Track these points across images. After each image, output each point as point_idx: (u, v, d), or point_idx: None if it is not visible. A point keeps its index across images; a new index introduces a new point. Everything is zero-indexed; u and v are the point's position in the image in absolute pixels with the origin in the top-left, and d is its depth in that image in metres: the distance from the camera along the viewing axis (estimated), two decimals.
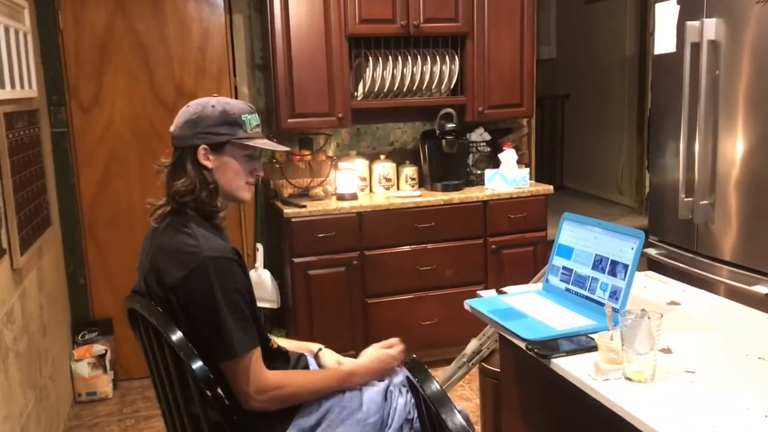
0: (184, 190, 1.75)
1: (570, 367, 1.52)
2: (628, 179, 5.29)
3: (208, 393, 1.58)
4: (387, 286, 3.61)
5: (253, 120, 1.79)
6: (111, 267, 3.72)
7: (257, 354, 1.67)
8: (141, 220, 3.72)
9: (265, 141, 1.83)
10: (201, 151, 1.75)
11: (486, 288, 3.82)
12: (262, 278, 3.79)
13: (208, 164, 1.75)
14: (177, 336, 1.59)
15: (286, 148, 2.08)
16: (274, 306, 3.76)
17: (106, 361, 3.60)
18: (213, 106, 1.78)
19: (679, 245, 3.30)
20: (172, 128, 1.82)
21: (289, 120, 3.58)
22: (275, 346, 1.89)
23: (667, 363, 1.50)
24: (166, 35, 3.64)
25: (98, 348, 3.61)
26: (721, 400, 1.34)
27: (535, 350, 1.60)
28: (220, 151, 1.76)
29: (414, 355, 1.33)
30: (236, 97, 3.77)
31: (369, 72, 3.68)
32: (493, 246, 3.77)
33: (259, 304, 3.78)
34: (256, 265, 3.80)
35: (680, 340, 1.63)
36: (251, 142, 1.77)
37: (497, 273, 3.81)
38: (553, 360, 1.56)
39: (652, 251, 3.46)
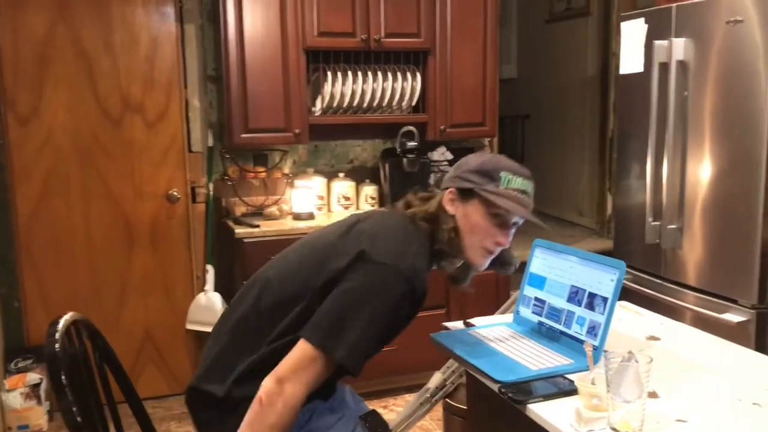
0: (423, 215, 1.64)
1: (549, 414, 1.37)
2: (588, 201, 5.23)
3: None
4: None
5: (515, 182, 1.60)
6: (49, 289, 3.47)
7: (328, 370, 1.48)
8: (83, 240, 3.51)
9: (519, 207, 1.59)
10: (447, 194, 1.63)
11: (448, 312, 3.70)
12: (212, 301, 3.58)
13: (450, 209, 1.62)
14: None
15: (542, 224, 1.68)
16: None
17: (41, 391, 3.34)
18: (482, 156, 1.67)
19: (645, 270, 3.21)
20: None
21: (243, 135, 3.40)
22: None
23: (655, 410, 1.37)
24: (112, 44, 3.43)
25: (32, 377, 3.35)
26: None
27: (509, 394, 1.46)
28: (466, 200, 1.61)
29: (371, 409, 1.17)
30: (186, 110, 3.58)
31: (328, 87, 3.53)
32: None
33: (209, 329, 3.58)
34: (206, 287, 3.59)
35: (667, 383, 1.50)
36: (496, 199, 1.57)
37: (459, 296, 3.67)
38: (529, 406, 1.41)
39: None
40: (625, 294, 3.29)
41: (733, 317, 2.70)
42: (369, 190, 3.77)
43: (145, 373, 3.63)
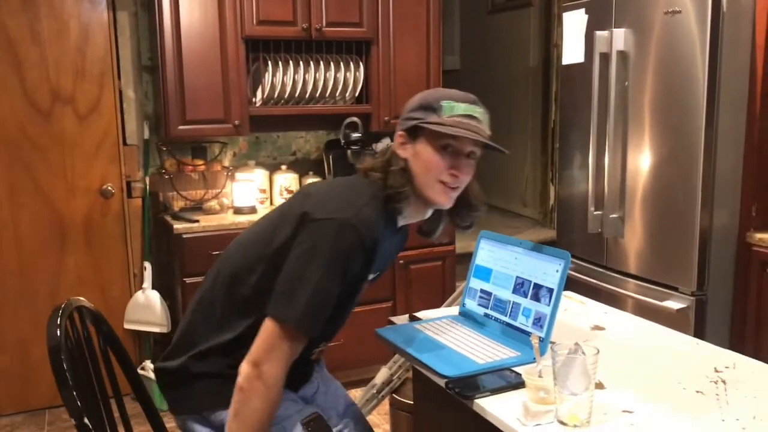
0: (373, 165, 1.57)
1: (496, 409, 1.34)
2: (532, 191, 5.27)
3: None
4: None
5: (458, 108, 1.50)
6: None
7: (297, 341, 1.43)
8: (10, 238, 3.34)
9: (465, 131, 1.49)
10: (397, 138, 1.57)
11: (394, 305, 3.67)
12: (150, 300, 3.45)
13: (402, 153, 1.55)
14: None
15: (501, 149, 1.58)
16: (164, 330, 3.44)
17: None
18: (423, 92, 1.60)
19: (588, 259, 3.24)
20: None
21: (180, 127, 3.28)
22: (314, 357, 1.69)
23: (603, 401, 1.35)
24: (39, 33, 3.26)
25: None
26: None
27: (456, 389, 1.42)
28: (414, 140, 1.54)
29: (315, 411, 1.11)
30: (120, 102, 3.44)
31: (268, 77, 3.44)
32: (401, 261, 3.60)
33: (148, 329, 3.46)
34: (144, 285, 3.46)
35: (612, 373, 1.49)
36: (440, 128, 1.48)
37: (405, 289, 3.64)
38: (477, 401, 1.38)
39: None
40: (569, 283, 3.30)
41: (674, 304, 2.74)
42: (312, 181, 3.70)
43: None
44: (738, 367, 1.53)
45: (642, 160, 2.87)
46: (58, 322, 1.50)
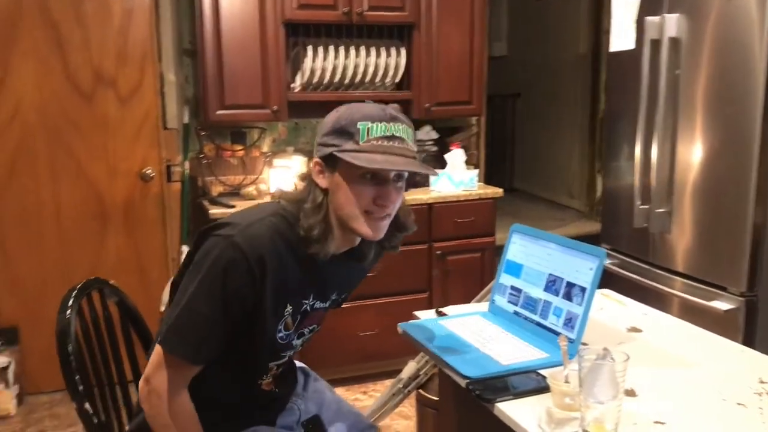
0: (288, 196, 1.44)
1: (517, 413, 1.27)
2: (579, 183, 5.13)
3: None
4: None
5: (376, 129, 1.34)
6: (16, 270, 3.35)
7: (189, 368, 1.37)
8: (52, 219, 3.38)
9: (382, 158, 1.32)
10: (314, 166, 1.41)
11: (430, 296, 3.60)
12: None
13: (322, 182, 1.39)
14: None
15: (429, 171, 1.47)
16: None
17: (8, 374, 3.24)
18: (338, 111, 1.41)
19: (632, 255, 3.11)
20: None
21: (218, 111, 3.27)
22: (266, 388, 1.55)
23: (632, 410, 1.27)
24: (83, 15, 3.28)
25: (1, 360, 3.24)
26: None
27: (477, 391, 1.35)
28: (333, 168, 1.37)
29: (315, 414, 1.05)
30: (161, 86, 3.44)
31: (308, 62, 3.39)
32: (438, 252, 3.53)
33: None
34: None
35: (646, 380, 1.40)
36: (355, 158, 1.31)
37: (442, 280, 3.57)
38: (498, 404, 1.31)
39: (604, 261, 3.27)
40: (611, 280, 3.21)
41: (722, 305, 2.60)
42: None
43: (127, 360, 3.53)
44: None
45: (692, 153, 2.73)
46: (70, 303, 1.53)
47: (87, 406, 1.43)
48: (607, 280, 3.24)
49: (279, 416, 1.61)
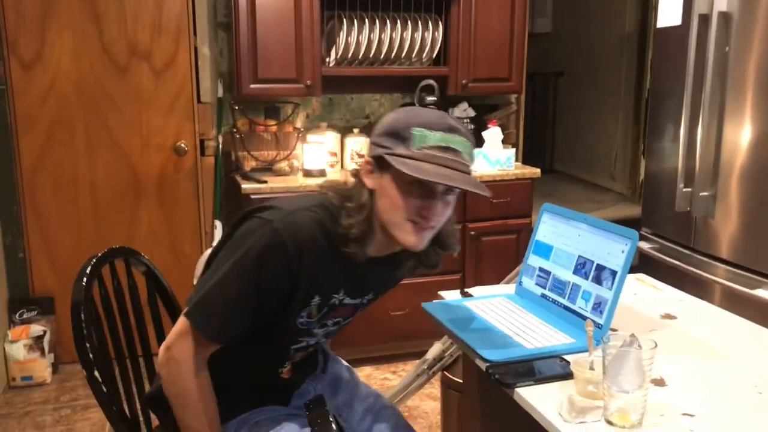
0: (337, 189, 1.38)
1: (537, 400, 1.21)
2: (621, 165, 4.98)
3: None
4: None
5: (432, 137, 1.28)
6: (53, 241, 3.39)
7: (212, 345, 1.35)
8: (87, 191, 3.41)
9: (433, 169, 1.25)
10: (365, 165, 1.36)
11: (463, 277, 3.54)
12: None
13: (368, 182, 1.35)
14: None
15: (482, 191, 1.34)
16: None
17: (44, 343, 3.29)
18: (396, 113, 1.36)
19: (674, 240, 3.00)
20: None
21: (252, 85, 3.24)
22: (286, 375, 1.53)
23: (660, 400, 1.20)
24: None
25: (36, 329, 3.30)
26: None
27: (497, 375, 1.30)
28: (382, 170, 1.32)
29: (318, 395, 1.00)
30: (195, 59, 3.42)
31: (343, 36, 3.34)
32: (473, 232, 3.46)
33: None
34: (214, 244, 3.47)
35: (677, 369, 1.32)
36: (404, 164, 1.25)
37: (476, 261, 3.51)
38: (518, 389, 1.25)
39: (644, 245, 3.16)
40: (651, 265, 3.10)
41: (766, 293, 2.49)
42: None
43: (151, 330, 3.56)
44: None
45: (740, 134, 2.60)
46: (88, 271, 1.53)
47: (96, 374, 1.42)
48: (647, 265, 3.15)
49: (294, 397, 1.57)
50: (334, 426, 0.87)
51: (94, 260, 1.58)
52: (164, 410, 1.43)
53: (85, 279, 1.51)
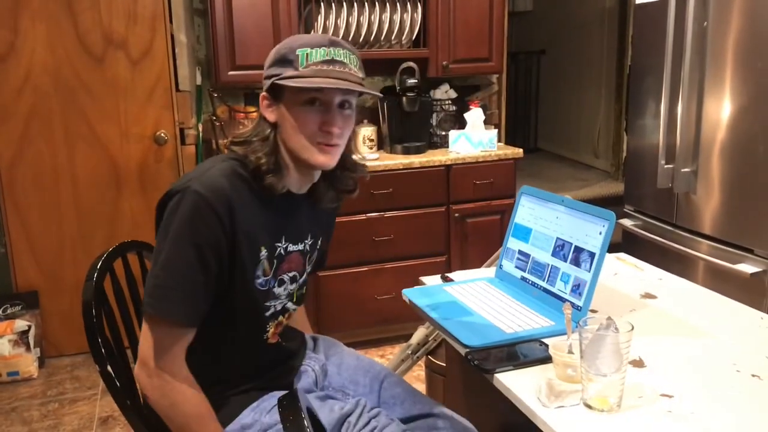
0: (237, 135, 1.41)
1: (517, 385, 1.22)
2: (604, 142, 4.98)
3: None
4: (340, 257, 3.29)
5: (316, 54, 1.33)
6: (34, 234, 3.36)
7: (166, 326, 1.31)
8: (67, 183, 3.37)
9: (322, 80, 1.31)
10: (262, 101, 1.40)
11: (448, 259, 3.54)
12: None
13: (268, 116, 1.39)
14: None
15: (371, 91, 1.41)
16: None
17: (29, 337, 3.27)
18: (280, 43, 1.40)
19: (656, 216, 3.01)
20: None
21: (230, 72, 3.20)
22: (272, 340, 1.50)
23: (639, 382, 1.20)
24: None
25: (20, 324, 3.27)
26: None
27: (476, 361, 1.30)
28: (278, 100, 1.37)
29: (293, 389, 0.99)
30: (173, 47, 3.38)
31: (321, 19, 3.30)
32: (457, 214, 3.46)
33: None
34: None
35: (656, 349, 1.33)
36: (297, 82, 1.31)
37: (460, 243, 3.50)
38: (497, 375, 1.25)
39: (627, 222, 3.17)
40: (634, 242, 3.11)
41: (748, 268, 2.50)
42: (367, 131, 3.57)
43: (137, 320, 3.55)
44: None
45: (720, 109, 2.60)
46: (97, 270, 1.50)
47: (109, 368, 1.40)
48: (630, 242, 3.16)
49: (296, 380, 1.56)
50: (306, 422, 0.86)
51: (105, 256, 1.56)
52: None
53: (95, 276, 1.49)
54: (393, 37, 3.45)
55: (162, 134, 3.41)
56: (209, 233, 1.28)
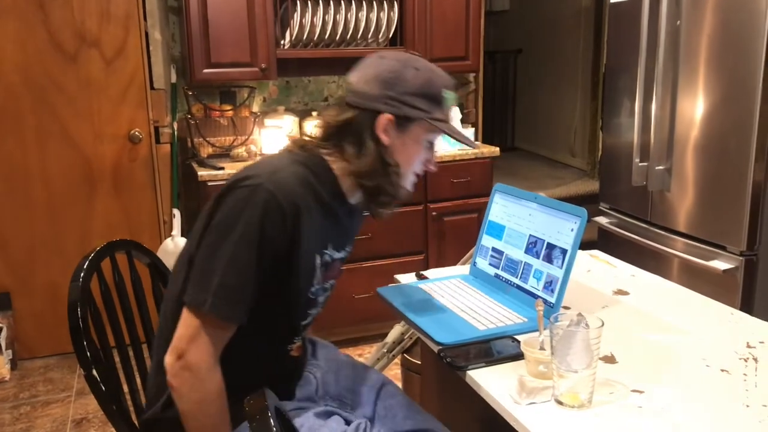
0: (365, 170, 1.36)
1: (489, 382, 1.21)
2: (581, 140, 5.01)
3: None
4: None
5: (451, 100, 1.40)
6: (6, 235, 3.30)
7: (219, 327, 1.26)
8: (39, 183, 3.32)
9: (457, 129, 1.44)
10: (384, 120, 1.34)
11: (426, 258, 3.54)
12: (179, 247, 3.40)
13: (385, 139, 1.35)
14: None
15: (475, 143, 1.52)
16: None
17: (1, 339, 3.22)
18: (417, 69, 1.36)
19: (631, 214, 3.04)
20: (354, 78, 1.40)
21: (205, 70, 3.17)
22: (295, 353, 1.48)
23: (611, 377, 1.20)
24: None
25: None
26: None
27: (449, 358, 1.29)
28: (405, 128, 1.36)
29: (261, 390, 0.97)
30: (147, 45, 3.34)
31: (297, 17, 3.28)
32: (434, 213, 3.46)
33: None
34: (173, 233, 3.42)
35: (627, 345, 1.33)
36: (445, 127, 1.38)
37: (438, 242, 3.51)
38: (469, 372, 1.25)
39: (602, 220, 3.19)
40: (610, 239, 3.13)
41: (721, 264, 2.53)
42: None
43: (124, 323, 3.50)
44: None
45: (693, 108, 2.62)
46: (84, 266, 1.47)
47: (94, 373, 1.37)
48: (606, 239, 3.18)
49: (297, 388, 1.53)
50: (272, 421, 0.85)
51: (91, 256, 1.51)
52: None
53: (81, 276, 1.45)
54: (370, 36, 3.44)
55: (136, 133, 3.37)
56: (274, 235, 1.25)
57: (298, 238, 1.28)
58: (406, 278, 1.76)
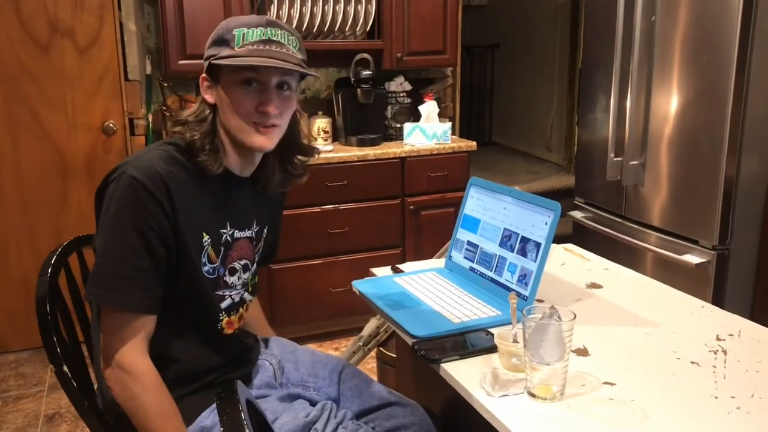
0: (178, 120, 1.38)
1: (462, 375, 1.22)
2: (557, 135, 5.04)
3: None
4: (294, 250, 3.27)
5: (252, 34, 1.31)
6: None
7: (130, 319, 1.27)
8: (10, 175, 3.27)
9: (257, 59, 1.29)
10: (201, 83, 1.39)
11: (403, 252, 3.54)
12: None
13: (209, 98, 1.37)
14: None
15: (310, 72, 1.37)
16: None
17: None
18: (224, 25, 1.37)
19: (606, 208, 3.07)
20: None
21: (180, 62, 3.14)
22: (228, 330, 1.45)
23: (582, 370, 1.21)
24: None
25: None
26: (644, 426, 1.06)
27: (423, 351, 1.30)
28: (216, 82, 1.36)
29: (234, 380, 0.96)
30: (122, 35, 3.30)
31: (274, 9, 3.26)
32: (411, 207, 3.46)
33: None
34: None
35: (600, 338, 1.35)
36: (232, 62, 1.30)
37: (415, 236, 3.51)
38: (443, 365, 1.26)
39: (577, 214, 3.22)
40: (584, 233, 3.16)
41: (693, 258, 2.56)
42: (322, 123, 3.54)
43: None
44: (744, 334, 1.37)
45: (667, 103, 2.65)
46: (51, 266, 1.44)
47: (65, 369, 1.35)
48: (581, 234, 3.21)
49: (254, 374, 1.52)
50: (243, 414, 0.85)
51: (59, 251, 1.49)
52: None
53: (49, 271, 1.43)
54: (347, 28, 3.43)
55: (111, 124, 3.33)
56: (150, 217, 1.26)
57: (174, 212, 1.29)
58: (382, 272, 1.76)
